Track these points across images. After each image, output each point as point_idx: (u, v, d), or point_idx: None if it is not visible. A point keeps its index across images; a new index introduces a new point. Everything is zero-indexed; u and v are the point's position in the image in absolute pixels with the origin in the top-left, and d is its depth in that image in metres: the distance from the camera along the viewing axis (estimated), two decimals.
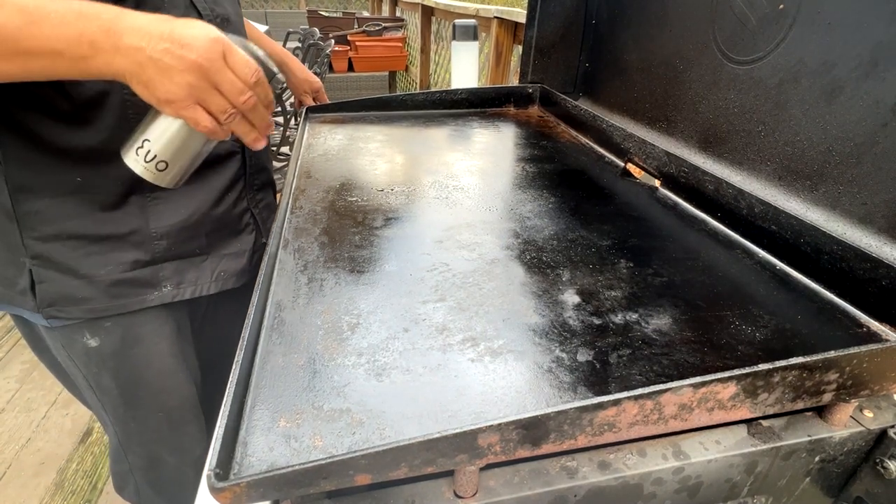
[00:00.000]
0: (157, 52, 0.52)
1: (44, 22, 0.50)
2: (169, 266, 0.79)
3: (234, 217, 0.86)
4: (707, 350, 0.51)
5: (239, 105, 0.58)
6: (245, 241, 0.89)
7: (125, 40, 0.52)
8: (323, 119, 1.21)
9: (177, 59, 0.53)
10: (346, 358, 0.49)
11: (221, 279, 0.85)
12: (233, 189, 0.85)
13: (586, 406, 0.38)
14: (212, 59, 0.54)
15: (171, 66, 0.53)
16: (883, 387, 0.48)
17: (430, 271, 0.63)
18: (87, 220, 0.72)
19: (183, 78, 0.53)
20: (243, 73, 0.57)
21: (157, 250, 0.77)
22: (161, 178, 0.62)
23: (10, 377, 1.97)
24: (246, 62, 0.57)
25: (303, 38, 2.99)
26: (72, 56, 0.52)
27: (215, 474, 0.34)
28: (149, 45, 0.52)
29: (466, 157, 1.01)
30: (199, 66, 0.54)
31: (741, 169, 0.80)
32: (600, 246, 0.70)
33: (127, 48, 0.52)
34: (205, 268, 0.83)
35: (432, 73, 4.19)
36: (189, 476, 0.95)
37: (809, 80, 0.68)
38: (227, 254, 0.86)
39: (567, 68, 1.28)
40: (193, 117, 0.57)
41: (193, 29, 0.54)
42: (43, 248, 0.71)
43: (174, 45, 0.53)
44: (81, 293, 0.74)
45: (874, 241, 0.61)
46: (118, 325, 0.78)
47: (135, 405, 0.86)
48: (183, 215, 0.78)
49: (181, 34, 0.53)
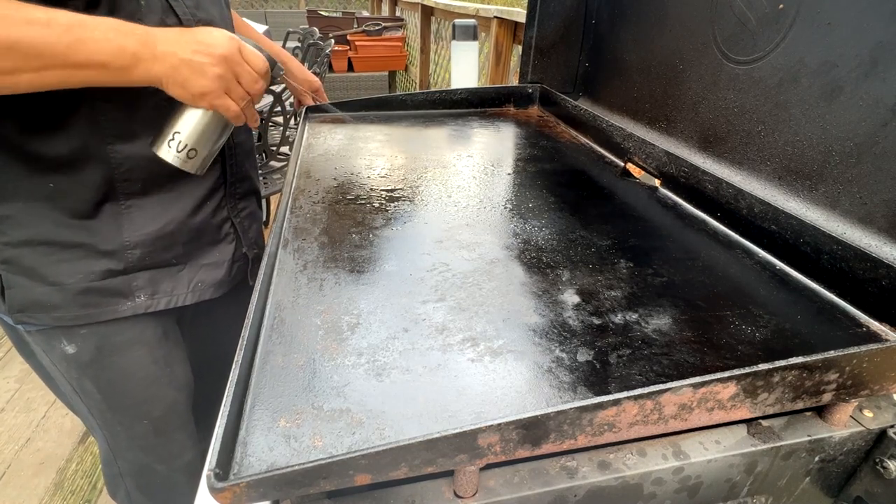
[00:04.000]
0: (189, 54, 0.62)
1: (88, 39, 0.57)
2: (143, 276, 0.78)
3: (214, 226, 0.85)
4: (707, 350, 0.51)
5: (253, 92, 0.68)
6: (224, 251, 0.87)
7: (160, 48, 0.61)
8: (323, 119, 1.21)
9: (207, 56, 0.62)
10: (345, 358, 0.49)
11: (199, 290, 0.84)
12: (212, 198, 0.83)
13: (586, 406, 0.38)
14: (233, 52, 0.64)
15: (203, 63, 0.62)
16: (883, 387, 0.48)
17: (430, 271, 0.63)
18: (59, 226, 0.71)
19: (213, 71, 0.63)
20: (256, 65, 0.67)
21: (131, 260, 0.76)
22: (191, 164, 0.71)
23: (9, 377, 1.97)
24: (257, 55, 0.68)
25: (302, 38, 2.99)
26: (116, 67, 0.59)
27: (215, 474, 0.34)
28: (180, 49, 0.61)
29: (466, 157, 1.01)
30: (225, 58, 0.64)
31: (741, 169, 0.80)
32: (600, 246, 0.70)
33: (163, 55, 0.61)
34: (181, 278, 0.82)
35: (432, 73, 4.19)
36: (180, 481, 0.94)
37: (809, 80, 0.68)
38: (206, 264, 0.84)
39: (567, 68, 1.28)
40: (224, 105, 0.66)
41: (212, 32, 0.64)
42: (12, 254, 0.71)
43: (201, 45, 0.62)
44: (50, 300, 0.73)
45: (874, 240, 0.61)
46: (93, 333, 0.77)
47: (120, 412, 0.85)
48: (158, 224, 0.77)
49: (204, 37, 0.63)
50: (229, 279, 0.88)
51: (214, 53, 0.62)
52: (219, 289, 0.86)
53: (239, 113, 0.68)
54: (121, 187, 0.72)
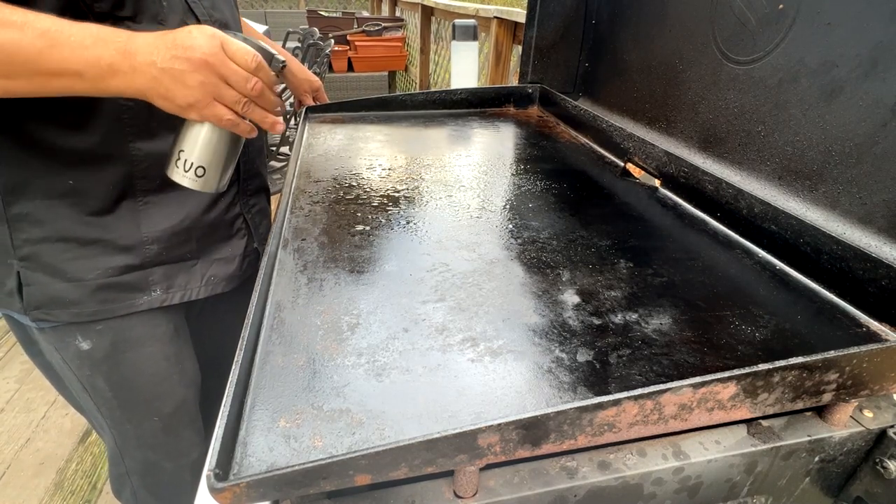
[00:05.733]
0: (167, 61, 0.56)
1: (64, 45, 0.53)
2: (158, 270, 0.79)
3: (227, 222, 0.86)
4: (707, 350, 0.51)
5: (248, 92, 0.60)
6: (236, 245, 0.88)
7: (139, 59, 0.56)
8: (323, 119, 1.21)
9: (185, 62, 0.56)
10: (345, 358, 0.49)
11: (212, 283, 0.85)
12: (226, 194, 0.84)
13: (586, 406, 0.38)
14: (214, 52, 0.57)
15: (182, 70, 0.56)
16: (883, 387, 0.48)
17: (429, 271, 0.63)
18: (78, 223, 0.71)
19: (194, 78, 0.57)
20: (244, 61, 0.59)
21: (148, 255, 0.77)
22: (203, 183, 0.64)
23: (9, 377, 1.97)
24: (244, 49, 0.60)
25: (302, 38, 2.99)
26: (92, 77, 0.55)
27: (215, 475, 0.34)
28: (158, 57, 0.56)
29: (466, 157, 1.01)
30: (205, 62, 0.57)
31: (741, 169, 0.80)
32: (600, 246, 0.70)
33: (142, 65, 0.56)
34: (195, 272, 0.83)
35: (432, 73, 4.19)
36: (186, 480, 0.94)
37: (809, 80, 0.68)
38: (218, 258, 0.86)
39: (567, 68, 1.28)
40: (215, 114, 0.60)
41: (191, 32, 0.57)
42: (32, 250, 0.71)
43: (179, 49, 0.56)
44: (69, 296, 0.73)
45: (874, 241, 0.61)
46: (109, 328, 0.78)
47: (130, 409, 0.86)
48: (175, 220, 0.78)
49: (182, 39, 0.57)
50: (240, 273, 0.89)
51: (193, 57, 0.56)
52: (230, 283, 0.88)
53: (235, 121, 0.61)
54: (139, 184, 0.73)
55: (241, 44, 0.60)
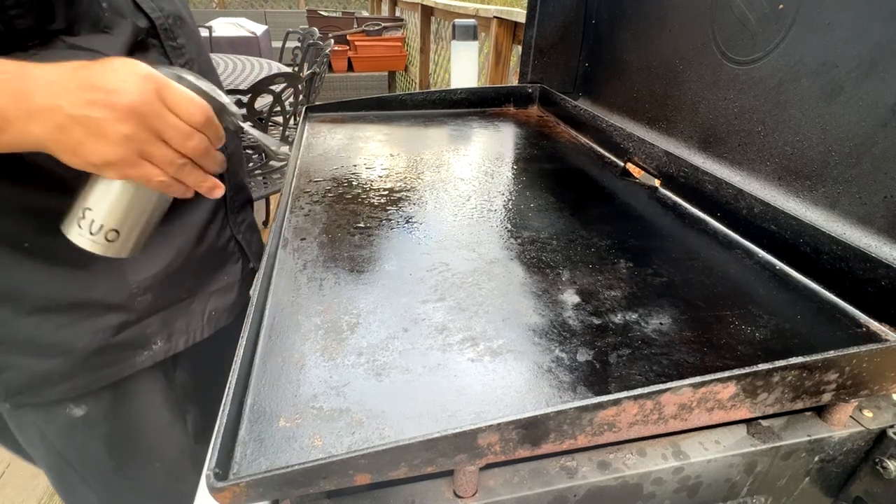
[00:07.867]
0: (80, 107, 0.42)
1: None
2: (155, 320, 0.69)
3: (219, 249, 0.77)
4: (707, 350, 0.51)
5: (188, 152, 0.48)
6: (232, 272, 0.80)
7: (37, 101, 0.42)
8: (323, 119, 1.21)
9: (105, 109, 0.43)
10: (345, 357, 0.49)
11: (213, 319, 0.76)
12: (215, 219, 0.76)
13: (586, 406, 0.38)
14: (147, 100, 0.44)
15: (100, 120, 0.43)
16: (882, 387, 0.48)
17: (429, 271, 0.63)
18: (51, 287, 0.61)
19: (117, 131, 0.44)
20: (188, 113, 0.47)
21: (142, 306, 0.67)
22: (114, 248, 0.52)
23: None
24: (189, 98, 0.47)
25: (302, 38, 3.00)
26: None
27: (215, 474, 0.34)
28: (66, 101, 0.42)
29: (466, 157, 1.01)
30: (134, 111, 0.44)
31: (741, 169, 0.80)
32: (600, 246, 0.70)
33: (41, 110, 0.42)
34: (194, 311, 0.74)
35: (432, 73, 4.19)
36: None
37: (809, 80, 0.68)
38: (216, 290, 0.77)
39: (567, 68, 1.28)
40: (143, 175, 0.47)
41: (117, 69, 0.44)
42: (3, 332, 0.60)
43: (98, 92, 0.43)
44: (58, 371, 0.63)
45: (874, 241, 0.61)
46: (107, 388, 0.69)
47: (128, 465, 0.77)
48: (165, 261, 0.68)
49: (104, 78, 0.43)
50: (242, 300, 0.81)
51: (118, 104, 0.43)
52: (232, 312, 0.80)
53: (169, 182, 0.48)
54: None
55: (184, 90, 0.47)
